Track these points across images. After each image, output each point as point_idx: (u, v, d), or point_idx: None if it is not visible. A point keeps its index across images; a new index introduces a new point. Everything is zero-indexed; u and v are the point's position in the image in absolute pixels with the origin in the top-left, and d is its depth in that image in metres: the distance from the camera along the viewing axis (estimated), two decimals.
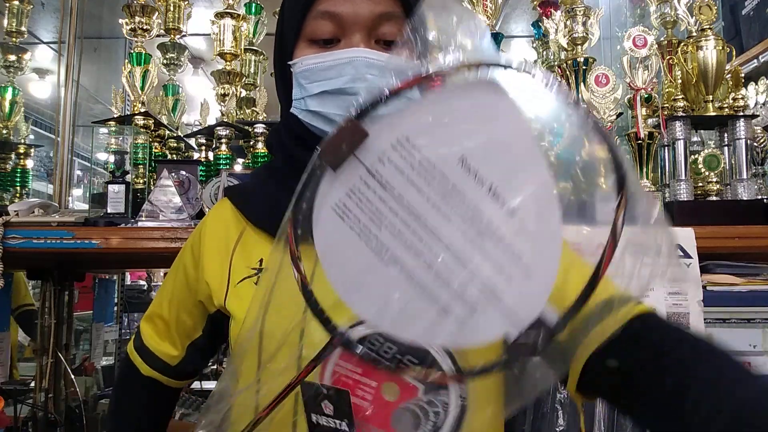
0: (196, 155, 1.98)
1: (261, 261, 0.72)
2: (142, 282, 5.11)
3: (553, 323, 0.39)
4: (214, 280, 0.74)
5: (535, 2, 2.14)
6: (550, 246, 0.40)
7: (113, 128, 1.80)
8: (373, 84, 0.64)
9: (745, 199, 1.54)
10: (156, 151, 1.87)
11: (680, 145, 1.58)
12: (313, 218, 0.45)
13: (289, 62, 0.72)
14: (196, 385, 2.31)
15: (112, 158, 1.59)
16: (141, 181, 1.76)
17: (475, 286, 0.40)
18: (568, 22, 1.86)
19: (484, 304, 0.40)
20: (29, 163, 1.98)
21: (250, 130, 1.76)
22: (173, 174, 1.58)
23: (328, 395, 0.54)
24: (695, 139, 1.76)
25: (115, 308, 3.02)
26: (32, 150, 2.00)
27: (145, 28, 1.90)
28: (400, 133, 0.42)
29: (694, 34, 1.70)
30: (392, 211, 0.42)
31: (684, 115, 1.63)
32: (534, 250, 0.40)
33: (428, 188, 0.41)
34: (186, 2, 2.02)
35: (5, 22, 1.99)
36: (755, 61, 2.63)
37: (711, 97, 1.62)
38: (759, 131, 1.77)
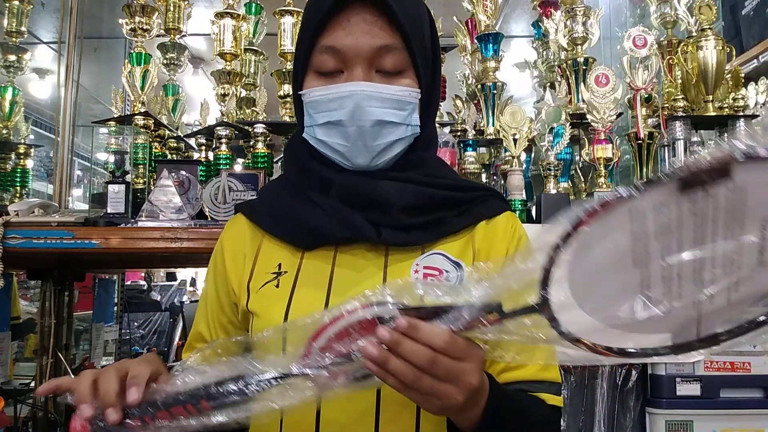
0: (196, 155, 1.98)
1: (279, 265, 0.78)
2: (142, 282, 5.11)
3: None
4: (239, 287, 0.82)
5: (535, 2, 2.14)
6: None
7: (113, 128, 1.80)
8: (372, 116, 0.72)
9: None
10: (156, 151, 1.87)
11: (680, 145, 1.58)
12: None
13: (299, 92, 0.80)
14: None
15: (112, 158, 1.59)
16: (141, 181, 1.76)
17: None
18: (568, 22, 1.86)
19: None
20: (29, 163, 1.98)
21: (250, 130, 1.76)
22: (173, 174, 1.58)
23: None
24: (695, 139, 1.76)
25: (115, 308, 3.02)
26: (32, 150, 1.99)
27: (145, 28, 1.90)
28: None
29: (694, 34, 1.70)
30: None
31: (684, 115, 1.63)
32: None
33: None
34: (186, 2, 2.02)
35: (5, 22, 1.99)
36: (755, 61, 2.63)
37: (711, 97, 1.62)
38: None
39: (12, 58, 1.99)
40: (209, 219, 1.50)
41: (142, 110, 1.85)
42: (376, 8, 0.73)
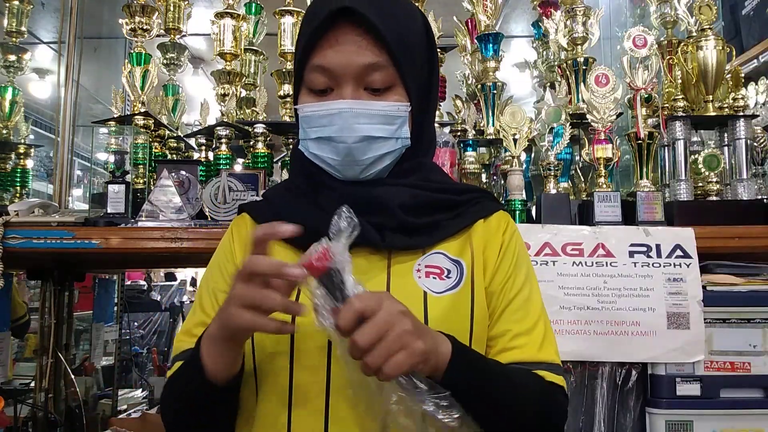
0: (196, 155, 1.98)
1: None
2: (142, 282, 5.11)
3: None
4: None
5: (535, 2, 2.14)
6: None
7: (113, 128, 1.80)
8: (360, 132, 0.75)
9: (745, 199, 1.54)
10: (156, 151, 1.87)
11: (680, 145, 1.58)
12: None
13: (295, 107, 0.83)
14: None
15: (112, 158, 1.59)
16: (141, 181, 1.76)
17: None
18: (568, 22, 1.86)
19: None
20: (29, 163, 1.98)
21: (250, 130, 1.76)
22: (173, 174, 1.58)
23: None
24: (695, 139, 1.76)
25: (115, 308, 3.02)
26: (32, 150, 1.99)
27: (145, 28, 1.90)
28: None
29: (694, 34, 1.70)
30: None
31: (684, 115, 1.62)
32: None
33: None
34: (186, 2, 2.02)
35: (5, 22, 1.99)
36: (755, 61, 2.63)
37: (711, 97, 1.62)
38: (759, 131, 1.77)
39: (12, 58, 1.99)
40: (209, 219, 1.50)
41: (142, 110, 1.85)
42: (364, 27, 0.75)
